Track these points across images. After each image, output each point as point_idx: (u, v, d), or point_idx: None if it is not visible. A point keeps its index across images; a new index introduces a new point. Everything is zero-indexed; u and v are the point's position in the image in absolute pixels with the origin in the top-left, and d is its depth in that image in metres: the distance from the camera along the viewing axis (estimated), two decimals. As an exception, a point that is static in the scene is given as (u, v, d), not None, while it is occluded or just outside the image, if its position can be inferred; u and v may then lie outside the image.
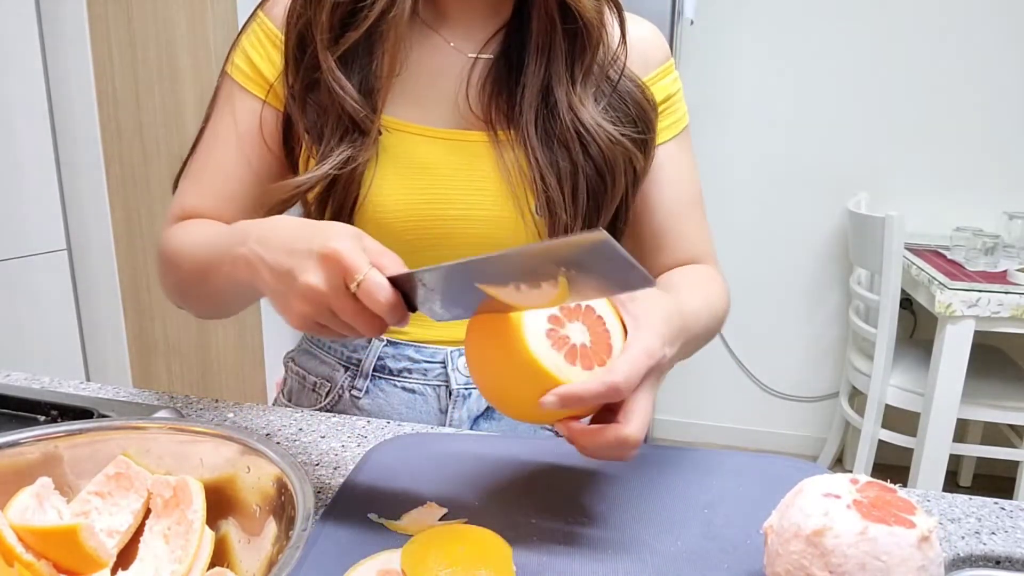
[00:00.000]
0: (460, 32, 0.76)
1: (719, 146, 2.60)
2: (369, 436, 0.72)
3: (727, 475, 0.65)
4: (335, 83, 0.70)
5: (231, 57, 0.77)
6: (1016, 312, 1.95)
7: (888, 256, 2.11)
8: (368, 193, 0.73)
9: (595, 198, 0.76)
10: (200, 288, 0.71)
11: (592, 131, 0.73)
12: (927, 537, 0.43)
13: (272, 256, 0.55)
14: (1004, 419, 2.15)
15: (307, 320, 0.54)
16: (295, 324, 0.55)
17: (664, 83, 0.80)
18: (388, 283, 0.51)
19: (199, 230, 0.73)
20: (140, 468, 0.49)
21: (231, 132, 0.76)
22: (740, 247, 2.67)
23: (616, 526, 0.57)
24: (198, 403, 0.77)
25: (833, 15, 2.46)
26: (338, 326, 0.54)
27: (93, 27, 1.90)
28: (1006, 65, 2.39)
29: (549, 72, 0.73)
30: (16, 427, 0.49)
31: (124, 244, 2.04)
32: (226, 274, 0.62)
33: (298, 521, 0.41)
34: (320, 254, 0.52)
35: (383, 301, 0.51)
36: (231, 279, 0.62)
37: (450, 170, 0.75)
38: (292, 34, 0.73)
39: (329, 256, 0.51)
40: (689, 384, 2.80)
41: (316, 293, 0.52)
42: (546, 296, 0.48)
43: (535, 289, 0.48)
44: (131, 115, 1.94)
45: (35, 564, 0.43)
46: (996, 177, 2.46)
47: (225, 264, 0.61)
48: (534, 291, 0.48)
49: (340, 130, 0.72)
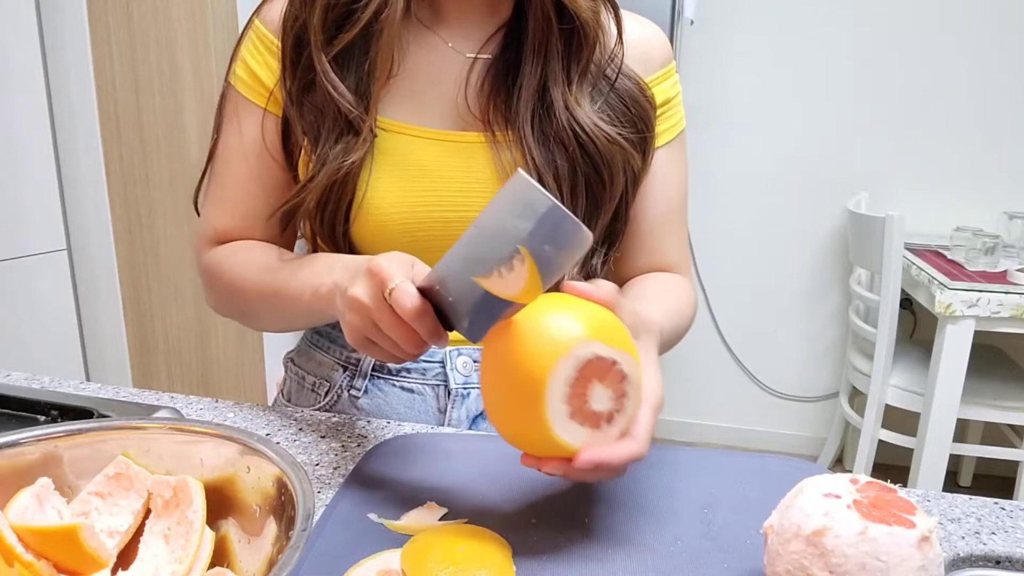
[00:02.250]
0: (458, 32, 0.76)
1: (719, 146, 2.60)
2: (369, 436, 0.72)
3: (727, 475, 0.65)
4: (329, 84, 0.70)
5: (232, 67, 0.78)
6: (1016, 312, 1.95)
7: (888, 256, 2.11)
8: (365, 195, 0.73)
9: (593, 198, 0.76)
10: (269, 312, 0.77)
11: (589, 130, 0.73)
12: (927, 537, 0.43)
13: (339, 277, 0.62)
14: (1004, 419, 2.15)
15: (358, 334, 0.58)
16: (350, 340, 0.60)
17: (664, 86, 0.80)
18: (416, 291, 0.53)
19: (259, 257, 0.77)
20: (140, 468, 0.49)
21: (239, 147, 0.78)
22: (740, 247, 2.67)
23: (616, 526, 0.57)
24: (198, 403, 0.77)
25: (833, 15, 2.46)
26: (382, 340, 0.57)
27: (93, 27, 1.90)
28: (1006, 65, 2.39)
29: (545, 72, 0.73)
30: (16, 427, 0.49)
31: (124, 244, 2.04)
32: (307, 303, 0.68)
33: (298, 521, 0.41)
34: (367, 268, 0.56)
35: (410, 307, 0.53)
36: (310, 308, 0.68)
37: (448, 171, 0.75)
38: (288, 36, 0.73)
39: (371, 269, 0.56)
40: (689, 384, 2.80)
41: (359, 304, 0.56)
42: (520, 277, 0.49)
43: (512, 272, 0.49)
44: (131, 115, 1.94)
45: (35, 564, 0.43)
46: (996, 177, 2.46)
47: (306, 294, 0.68)
48: (512, 275, 0.49)
49: (336, 131, 0.72)
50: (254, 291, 0.75)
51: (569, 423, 0.50)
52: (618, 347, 0.51)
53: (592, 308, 0.53)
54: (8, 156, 1.79)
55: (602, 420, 0.51)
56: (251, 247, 0.79)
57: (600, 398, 0.51)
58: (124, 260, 2.06)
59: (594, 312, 0.53)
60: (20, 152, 1.81)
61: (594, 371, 0.50)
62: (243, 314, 0.82)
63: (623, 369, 0.51)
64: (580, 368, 0.49)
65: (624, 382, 0.51)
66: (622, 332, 0.53)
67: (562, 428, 0.50)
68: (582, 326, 0.51)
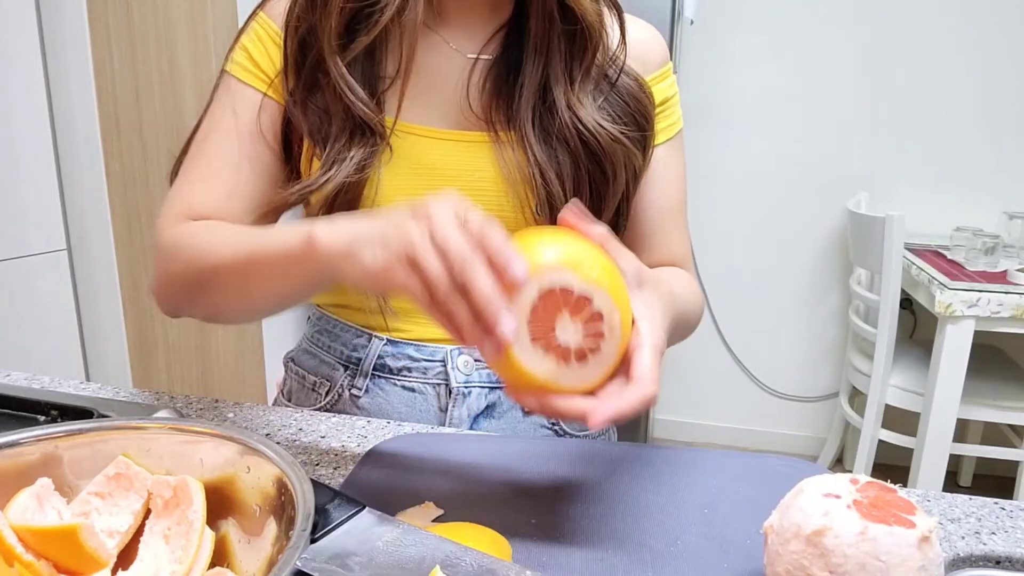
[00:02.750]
0: (460, 32, 0.76)
1: (719, 146, 2.60)
2: (369, 436, 0.72)
3: (727, 475, 0.65)
4: (346, 88, 0.70)
5: (230, 56, 0.77)
6: (1016, 312, 1.95)
7: (888, 256, 2.11)
8: (375, 196, 0.73)
9: (596, 195, 0.76)
10: (235, 283, 0.67)
11: (591, 129, 0.73)
12: (927, 537, 0.43)
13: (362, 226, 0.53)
14: (1004, 419, 2.15)
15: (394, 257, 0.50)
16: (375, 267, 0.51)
17: (662, 86, 0.81)
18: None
19: (230, 229, 0.69)
20: (140, 468, 0.49)
21: (231, 127, 0.75)
22: (740, 247, 2.67)
23: (615, 526, 0.57)
24: (198, 403, 0.77)
25: (833, 15, 2.46)
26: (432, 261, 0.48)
27: (93, 27, 1.90)
28: (1006, 65, 2.39)
29: (547, 72, 0.73)
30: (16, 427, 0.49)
31: (124, 244, 2.04)
32: (282, 268, 0.60)
33: (298, 521, 0.41)
34: (438, 199, 0.50)
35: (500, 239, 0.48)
36: (287, 274, 0.60)
37: (452, 171, 0.75)
38: (293, 39, 0.73)
39: (445, 199, 0.50)
40: (689, 384, 2.80)
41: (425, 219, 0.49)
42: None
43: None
44: (131, 115, 1.94)
45: (35, 564, 0.43)
46: (996, 177, 2.46)
47: (295, 245, 0.57)
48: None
49: (347, 134, 0.72)
50: (222, 256, 0.66)
51: (532, 348, 0.50)
52: (597, 285, 0.50)
53: (583, 245, 0.52)
54: (8, 156, 1.79)
55: (571, 355, 0.50)
56: (225, 225, 0.72)
57: (567, 330, 0.50)
58: (124, 260, 2.06)
59: (581, 248, 0.52)
60: (20, 152, 1.81)
61: (563, 302, 0.50)
62: (200, 289, 0.70)
63: (598, 308, 0.50)
64: (544, 295, 0.49)
65: (599, 322, 0.50)
66: (608, 274, 0.52)
67: (522, 350, 0.49)
68: (557, 255, 0.50)
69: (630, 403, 0.50)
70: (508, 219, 0.75)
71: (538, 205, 0.75)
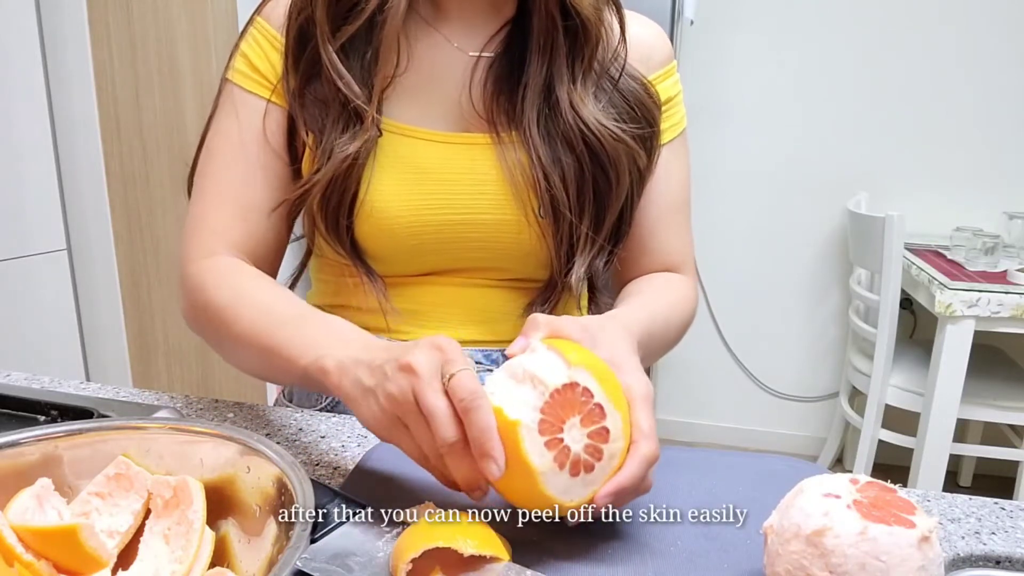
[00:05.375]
0: (462, 31, 0.76)
1: (719, 146, 2.60)
2: (369, 436, 0.72)
3: (727, 475, 0.65)
4: (335, 73, 0.70)
5: (231, 63, 0.77)
6: (1016, 312, 1.95)
7: (888, 256, 2.11)
8: (367, 194, 0.73)
9: (600, 197, 0.76)
10: (253, 363, 0.69)
11: (595, 129, 0.73)
12: (927, 537, 0.43)
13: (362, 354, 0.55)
14: (1004, 419, 2.15)
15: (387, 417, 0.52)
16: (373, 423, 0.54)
17: (665, 85, 0.80)
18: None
19: (254, 305, 0.68)
20: (140, 468, 0.49)
21: (237, 138, 0.75)
22: (740, 247, 2.67)
23: (616, 526, 0.57)
24: (198, 403, 0.77)
25: (833, 15, 2.46)
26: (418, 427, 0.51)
27: (93, 27, 1.90)
28: (1005, 65, 2.39)
29: (551, 71, 0.73)
30: (16, 427, 0.49)
31: (124, 244, 2.04)
32: (295, 378, 0.62)
33: (298, 521, 0.41)
34: (429, 342, 0.52)
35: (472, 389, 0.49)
36: (304, 374, 0.61)
37: (452, 174, 0.75)
38: (292, 28, 0.73)
39: (435, 343, 0.52)
40: (690, 384, 2.80)
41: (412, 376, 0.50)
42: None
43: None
44: (131, 115, 1.94)
45: (35, 564, 0.43)
46: (996, 177, 2.46)
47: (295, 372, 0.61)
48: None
49: (342, 123, 0.72)
50: (246, 336, 0.67)
51: (539, 437, 0.49)
52: (615, 405, 0.51)
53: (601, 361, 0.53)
54: (8, 156, 1.79)
55: (567, 461, 0.50)
56: (250, 276, 0.72)
57: (573, 434, 0.50)
58: (124, 260, 2.05)
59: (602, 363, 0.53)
60: (20, 152, 1.81)
61: (579, 405, 0.50)
62: (221, 347, 0.73)
63: (607, 425, 0.51)
64: (566, 387, 0.50)
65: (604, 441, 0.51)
66: (624, 402, 0.53)
67: (528, 434, 0.49)
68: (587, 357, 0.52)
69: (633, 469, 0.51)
70: (511, 222, 0.75)
71: (541, 208, 0.74)
